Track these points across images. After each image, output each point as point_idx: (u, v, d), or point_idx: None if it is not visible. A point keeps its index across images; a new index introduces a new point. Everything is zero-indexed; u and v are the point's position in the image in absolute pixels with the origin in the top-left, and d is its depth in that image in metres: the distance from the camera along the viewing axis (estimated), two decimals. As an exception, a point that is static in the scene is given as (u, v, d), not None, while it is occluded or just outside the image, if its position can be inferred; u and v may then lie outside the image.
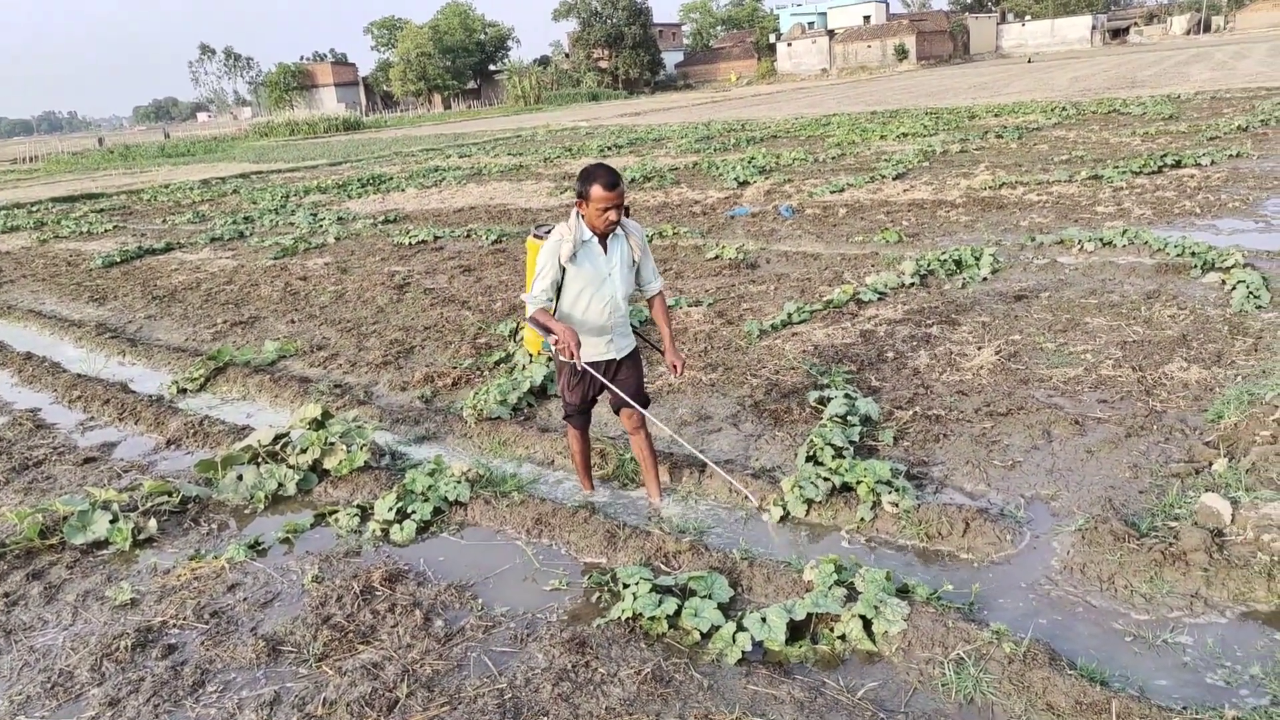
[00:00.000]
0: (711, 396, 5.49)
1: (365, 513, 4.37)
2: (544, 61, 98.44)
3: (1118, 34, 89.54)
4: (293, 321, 8.32)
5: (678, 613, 3.26)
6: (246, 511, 4.63)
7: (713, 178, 15.81)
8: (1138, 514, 3.73)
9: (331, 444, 4.86)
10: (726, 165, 16.65)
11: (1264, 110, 17.13)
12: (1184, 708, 2.62)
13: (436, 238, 12.09)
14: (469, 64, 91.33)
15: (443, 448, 5.23)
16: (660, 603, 3.28)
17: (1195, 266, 7.21)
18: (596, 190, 3.70)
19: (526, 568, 3.83)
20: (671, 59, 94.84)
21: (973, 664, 2.85)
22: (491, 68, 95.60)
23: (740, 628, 3.13)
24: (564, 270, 3.82)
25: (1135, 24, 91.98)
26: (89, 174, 34.10)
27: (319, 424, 5.09)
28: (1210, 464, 3.99)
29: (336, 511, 4.39)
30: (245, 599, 3.71)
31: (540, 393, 5.70)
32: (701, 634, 3.17)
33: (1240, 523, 3.41)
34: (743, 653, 3.04)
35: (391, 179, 20.72)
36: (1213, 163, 12.25)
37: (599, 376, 4.03)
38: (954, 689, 2.80)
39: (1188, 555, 3.32)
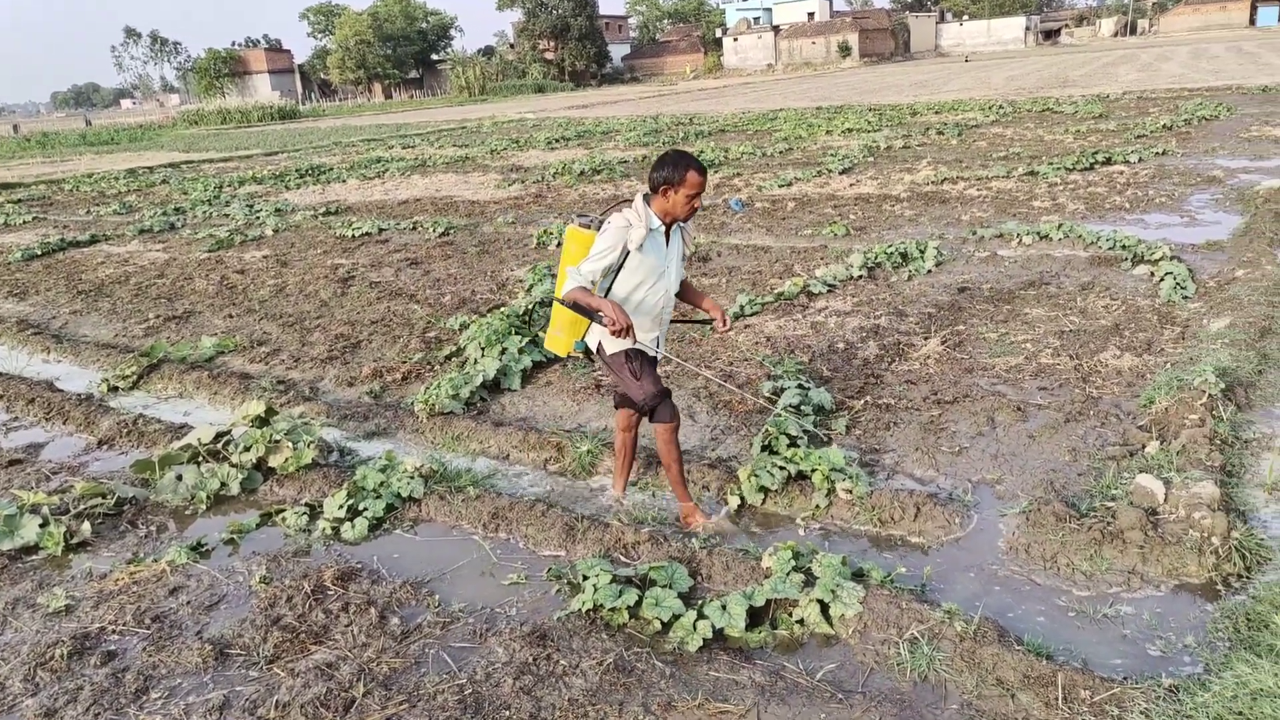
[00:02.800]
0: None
1: (314, 511, 4.30)
2: (488, 52, 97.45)
3: (1050, 35, 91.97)
4: (231, 316, 8.12)
5: (638, 603, 3.28)
6: (188, 513, 4.51)
7: (660, 171, 15.81)
8: (1077, 495, 3.87)
9: (276, 441, 4.76)
10: (673, 159, 16.66)
11: (1187, 110, 17.77)
12: (1125, 677, 2.73)
13: (381, 230, 11.92)
14: (411, 53, 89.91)
15: (394, 443, 5.18)
16: (621, 594, 3.29)
17: (1126, 259, 7.47)
18: (692, 176, 3.54)
19: (484, 563, 3.82)
20: (618, 52, 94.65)
21: (926, 643, 2.93)
22: (434, 57, 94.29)
23: (701, 616, 3.17)
24: (624, 258, 3.62)
25: (1066, 25, 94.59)
26: (3, 163, 32.63)
27: (263, 421, 4.98)
28: (1144, 447, 4.15)
29: (284, 510, 4.31)
30: (189, 602, 3.62)
31: (493, 387, 5.67)
32: (663, 623, 3.20)
33: (1172, 502, 3.56)
34: (704, 640, 3.08)
35: (332, 169, 20.34)
36: (1140, 160, 12.68)
37: (655, 350, 3.85)
38: (909, 668, 2.87)
39: (1125, 534, 3.45)
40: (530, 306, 6.66)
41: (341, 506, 4.20)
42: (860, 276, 7.66)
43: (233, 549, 4.09)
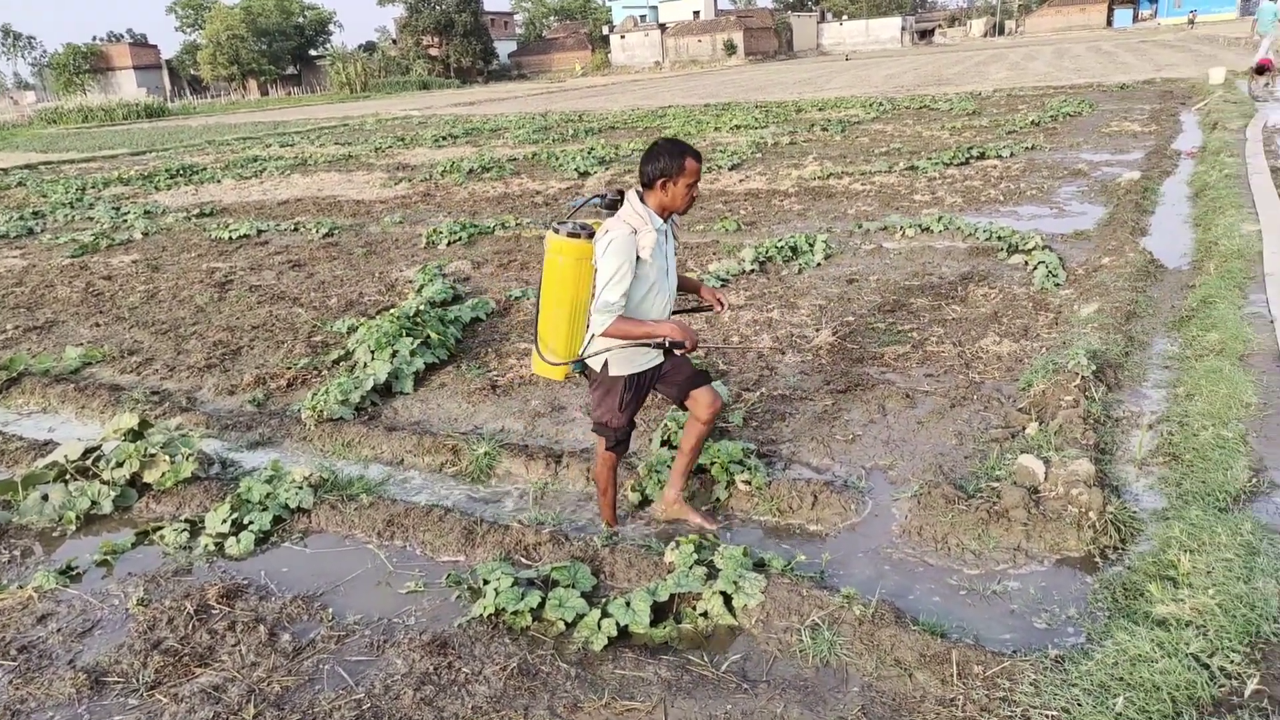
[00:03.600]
0: (564, 387, 5.46)
1: (195, 527, 4.07)
2: (370, 48, 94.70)
3: (925, 35, 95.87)
4: (98, 325, 7.62)
5: (541, 605, 3.22)
6: (55, 534, 4.20)
7: (553, 168, 15.74)
8: (964, 477, 4.01)
9: (152, 455, 4.48)
10: (567, 156, 16.61)
11: (1053, 107, 18.79)
12: (1014, 651, 2.84)
13: (260, 231, 11.41)
14: (287, 48, 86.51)
15: (280, 453, 4.95)
16: (523, 596, 3.23)
17: (1002, 250, 7.82)
18: (690, 163, 3.30)
19: (380, 572, 3.68)
20: (504, 48, 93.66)
21: (827, 628, 2.97)
22: (312, 53, 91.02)
23: (605, 614, 3.13)
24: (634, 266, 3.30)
25: (940, 26, 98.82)
26: None
27: (137, 434, 4.68)
28: (1024, 428, 4.34)
29: (162, 528, 4.06)
30: (59, 630, 3.37)
31: (385, 391, 5.49)
32: (567, 624, 3.15)
33: (1052, 480, 3.73)
34: (609, 638, 3.05)
35: (205, 169, 19.39)
36: (1012, 155, 13.32)
37: (675, 353, 3.54)
38: (811, 654, 2.91)
39: (1009, 512, 3.60)
40: (421, 307, 6.48)
41: (225, 521, 3.98)
42: (752, 271, 7.78)
43: (107, 571, 3.82)
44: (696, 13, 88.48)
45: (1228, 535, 3.08)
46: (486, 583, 3.34)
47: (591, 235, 3.33)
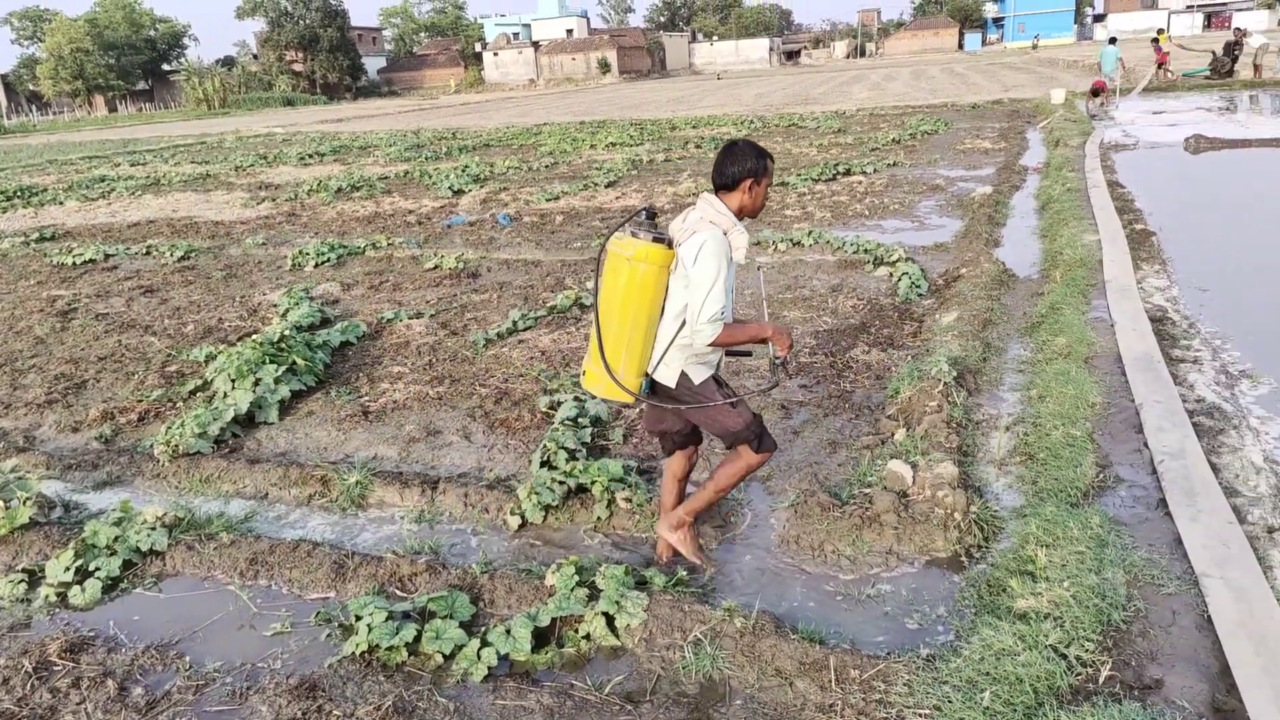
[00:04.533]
0: (440, 410, 5.32)
1: (35, 577, 3.74)
2: (229, 62, 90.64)
3: (792, 55, 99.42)
4: (-77, 360, 6.95)
5: (417, 638, 3.10)
6: None
7: (426, 186, 15.44)
8: (839, 485, 4.11)
9: (-16, 501, 4.10)
10: (440, 174, 16.33)
11: (912, 125, 19.76)
12: (889, 652, 2.91)
13: (108, 256, 10.70)
14: (138, 62, 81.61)
15: (131, 492, 4.61)
16: (398, 630, 3.10)
17: (868, 262, 8.13)
18: (772, 165, 3.15)
19: (243, 614, 3.47)
20: (374, 64, 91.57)
21: (709, 643, 2.97)
22: (166, 67, 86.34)
23: (485, 643, 3.04)
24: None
25: (805, 47, 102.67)
26: None
27: (-34, 478, 4.28)
28: (893, 434, 4.49)
29: (-4, 580, 3.71)
30: None
31: (247, 421, 5.20)
32: (444, 656, 3.04)
33: (919, 483, 3.86)
34: (489, 668, 2.96)
35: (46, 190, 18.10)
36: (875, 171, 13.91)
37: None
38: (694, 670, 2.90)
39: (881, 517, 3.70)
40: (286, 332, 6.19)
41: (68, 569, 3.67)
42: (630, 286, 7.79)
43: (-74, 633, 3.45)
44: (570, 31, 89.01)
45: (1079, 529, 3.26)
46: (358, 618, 3.19)
47: (671, 242, 3.10)
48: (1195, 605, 2.90)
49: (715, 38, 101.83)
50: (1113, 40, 23.81)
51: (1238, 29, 28.27)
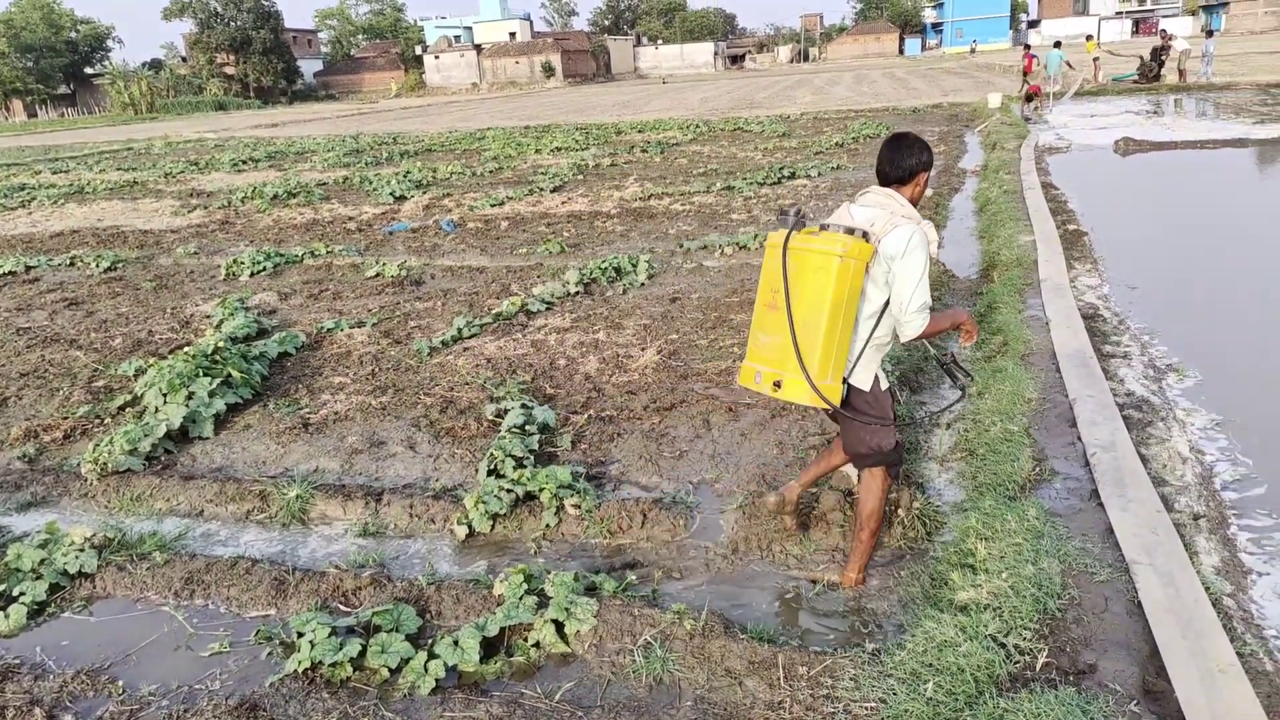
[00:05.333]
0: (384, 420, 5.23)
1: (-44, 603, 3.58)
2: (156, 65, 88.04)
3: (736, 60, 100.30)
4: None
5: (363, 653, 3.04)
6: None
7: (366, 193, 15.21)
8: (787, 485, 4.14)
9: (-100, 525, 3.92)
10: (381, 180, 16.10)
11: (854, 129, 20.05)
12: (836, 649, 2.94)
13: (29, 268, 10.32)
14: (58, 65, 78.45)
15: (57, 513, 4.44)
16: (342, 645, 3.04)
17: (811, 263, 8.20)
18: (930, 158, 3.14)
19: (178, 635, 3.36)
20: (310, 67, 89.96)
21: (659, 646, 2.96)
22: (89, 71, 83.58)
23: (432, 655, 3.00)
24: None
25: (750, 52, 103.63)
26: None
27: (-120, 502, 4.08)
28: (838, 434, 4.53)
29: (-87, 608, 3.54)
30: None
31: (181, 437, 5.05)
32: (391, 670, 2.99)
33: (865, 481, 3.91)
34: (436, 681, 2.91)
35: (-34, 200, 17.41)
36: (819, 174, 14.08)
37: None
38: (644, 673, 2.89)
39: (827, 515, 3.74)
40: (220, 344, 6.03)
41: (-10, 595, 3.52)
42: (577, 293, 7.78)
43: None
44: (513, 34, 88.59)
45: (1017, 522, 3.33)
46: (301, 635, 3.12)
47: (866, 236, 2.98)
48: (1126, 591, 2.98)
49: (660, 41, 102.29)
50: (1057, 44, 24.63)
51: (1164, 33, 29.31)
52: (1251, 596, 3.11)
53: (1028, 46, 25.91)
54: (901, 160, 3.13)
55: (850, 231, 2.97)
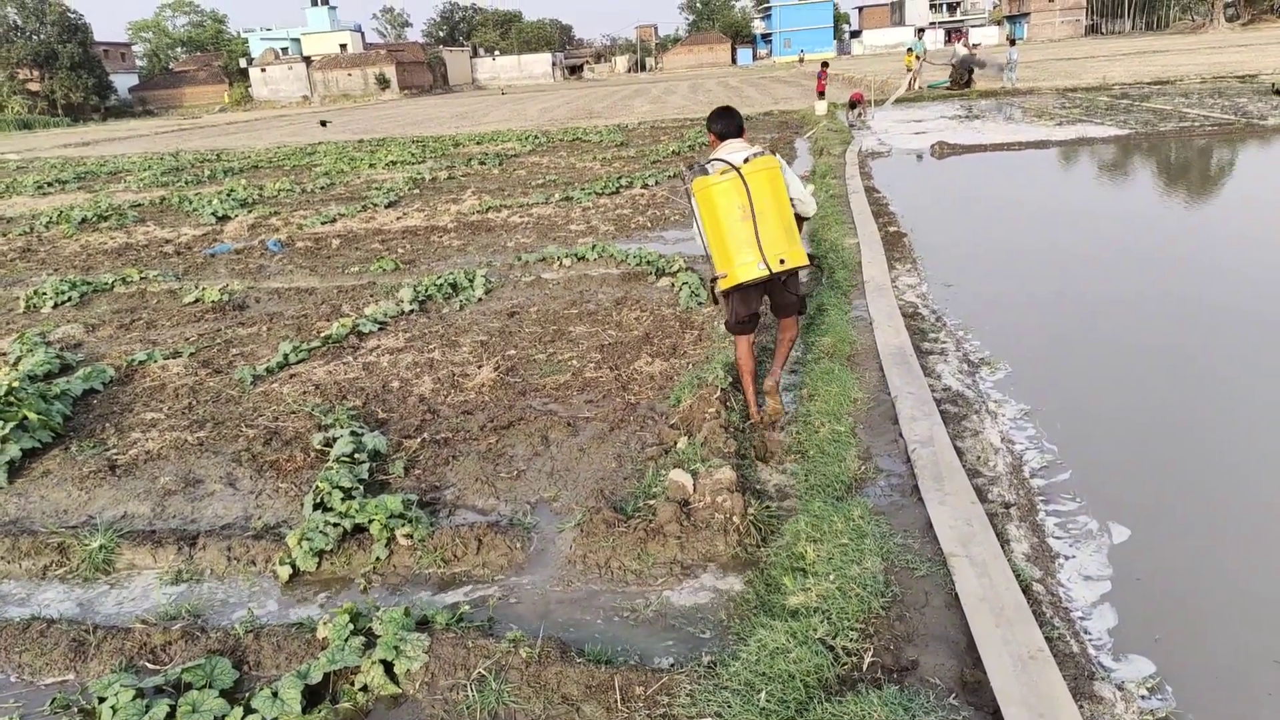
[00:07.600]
0: (201, 457, 4.89)
1: None
2: (-53, 81, 79.95)
3: (574, 70, 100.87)
4: None
5: (171, 714, 2.81)
6: None
7: (186, 213, 14.29)
8: (624, 499, 4.14)
9: None
10: (202, 199, 15.16)
11: (690, 137, 20.54)
12: (673, 664, 2.94)
13: None
14: None
15: None
16: (149, 709, 2.80)
17: (651, 273, 8.32)
18: None
19: (-44, 716, 3.00)
20: (125, 82, 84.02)
21: (494, 678, 2.88)
22: None
23: (249, 710, 2.80)
24: None
25: (588, 62, 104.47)
26: None
27: None
28: (675, 443, 4.57)
29: None
30: None
31: (-36, 488, 4.55)
32: (202, 733, 2.77)
33: (700, 490, 3.95)
34: (253, 740, 2.72)
35: None
36: (656, 183, 14.30)
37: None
38: (479, 709, 2.80)
39: (664, 527, 3.75)
40: (15, 383, 5.48)
41: None
42: (412, 311, 7.56)
43: None
44: (344, 46, 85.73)
45: (843, 522, 3.45)
46: (102, 700, 2.86)
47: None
48: (944, 584, 3.14)
49: (497, 52, 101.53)
50: (920, 32, 25.96)
51: (975, 45, 31.61)
52: (1059, 580, 3.29)
53: (825, 65, 27.13)
54: (738, 120, 4.74)
55: (758, 155, 4.41)
